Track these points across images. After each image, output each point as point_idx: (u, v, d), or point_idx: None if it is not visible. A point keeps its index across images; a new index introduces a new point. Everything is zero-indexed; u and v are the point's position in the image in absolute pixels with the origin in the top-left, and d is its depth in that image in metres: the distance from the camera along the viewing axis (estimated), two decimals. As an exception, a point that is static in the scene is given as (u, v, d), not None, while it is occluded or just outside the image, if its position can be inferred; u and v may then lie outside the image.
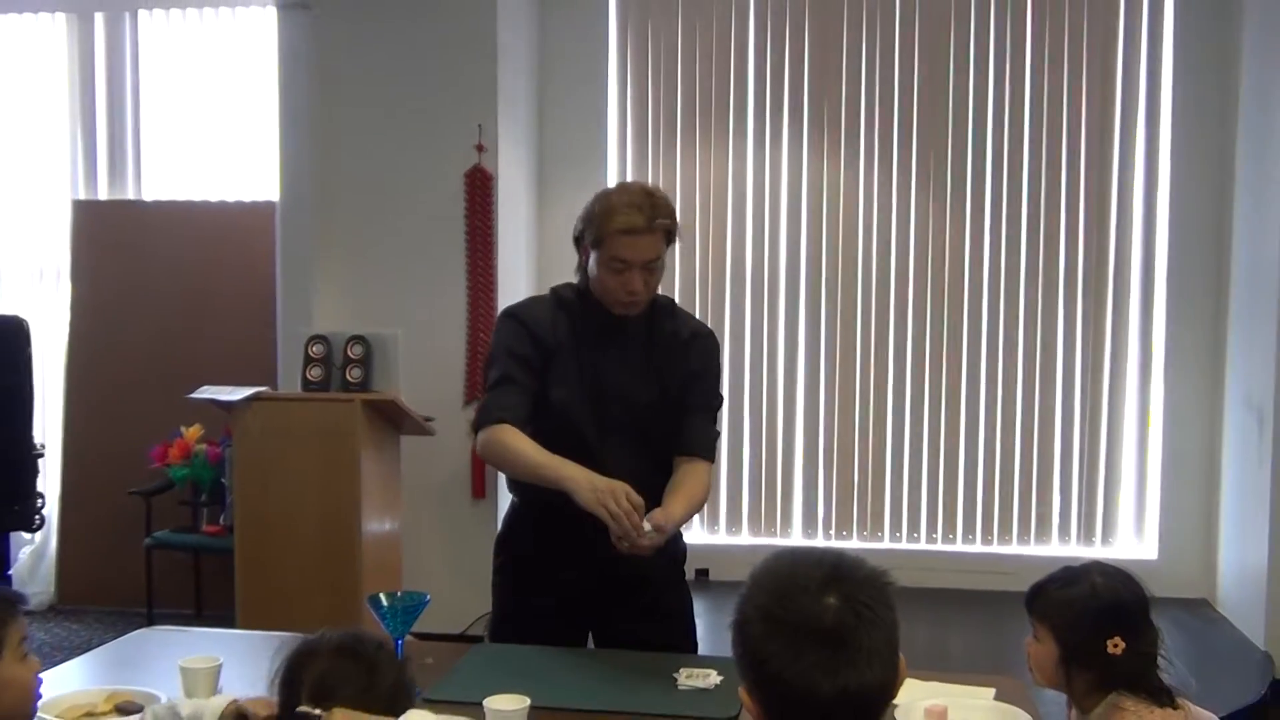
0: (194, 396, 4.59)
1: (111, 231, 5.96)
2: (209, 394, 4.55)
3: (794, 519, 5.88)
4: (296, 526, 4.41)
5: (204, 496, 5.42)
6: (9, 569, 5.20)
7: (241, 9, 5.91)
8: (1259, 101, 5.05)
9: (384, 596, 2.29)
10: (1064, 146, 5.61)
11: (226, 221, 5.87)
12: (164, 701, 2.13)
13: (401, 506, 4.79)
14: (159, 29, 6.09)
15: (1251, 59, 5.15)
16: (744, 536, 5.87)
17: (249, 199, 5.87)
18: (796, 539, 5.84)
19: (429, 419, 4.76)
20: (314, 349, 4.62)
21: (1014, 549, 5.67)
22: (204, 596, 5.60)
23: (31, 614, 5.40)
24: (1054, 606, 2.03)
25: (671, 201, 2.56)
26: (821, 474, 5.83)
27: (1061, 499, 5.69)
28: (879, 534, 5.81)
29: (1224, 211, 5.41)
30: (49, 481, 5.58)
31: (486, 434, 2.53)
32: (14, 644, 1.81)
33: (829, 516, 5.84)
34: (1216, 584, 5.46)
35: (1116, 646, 1.95)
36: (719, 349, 2.74)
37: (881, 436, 5.78)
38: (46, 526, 5.57)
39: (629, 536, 2.31)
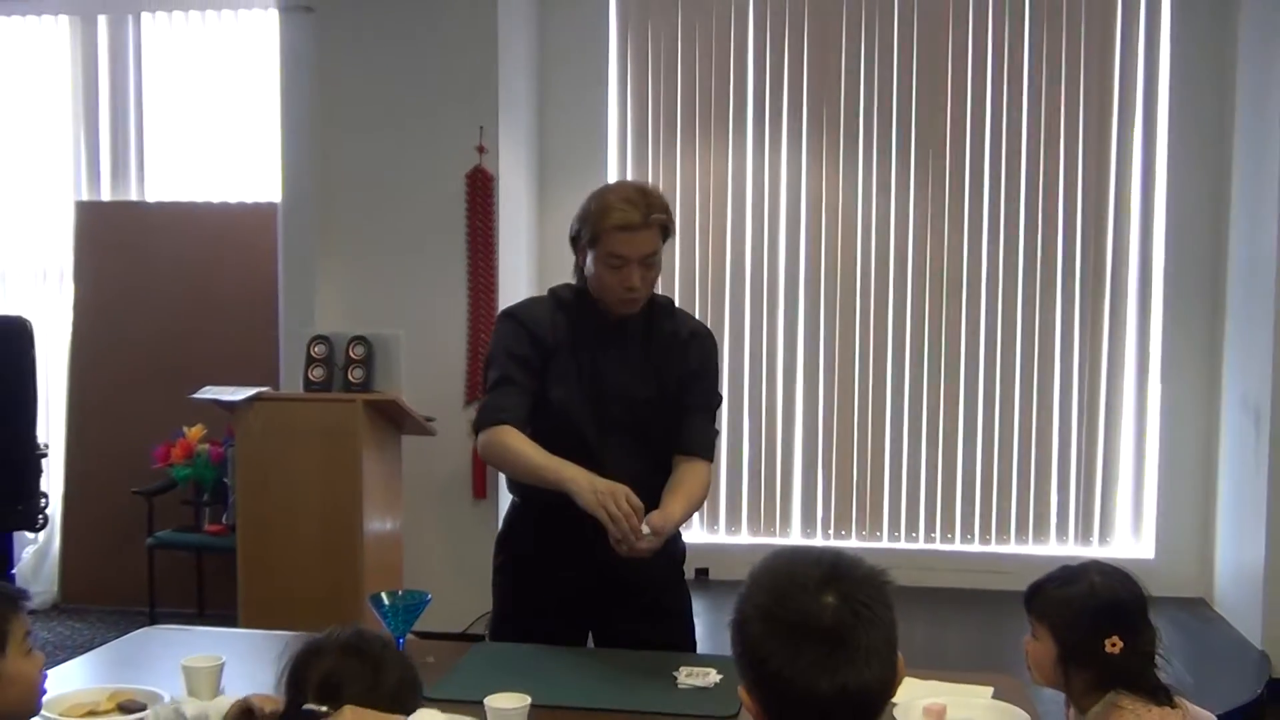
0: (196, 396, 4.60)
1: (114, 232, 5.97)
2: (211, 394, 4.56)
3: (793, 518, 5.90)
4: (298, 526, 4.41)
5: (206, 496, 5.44)
6: (12, 568, 5.20)
7: (244, 11, 5.93)
8: (1255, 103, 5.07)
9: (385, 595, 2.30)
10: (1062, 149, 5.63)
11: (229, 222, 5.88)
12: (167, 701, 2.15)
13: (403, 506, 4.80)
14: (161, 31, 6.10)
15: (1248, 63, 5.17)
16: (743, 536, 5.89)
17: (251, 200, 5.88)
18: (795, 538, 5.85)
19: (430, 419, 4.77)
20: (316, 349, 4.62)
21: (1012, 548, 5.69)
22: (206, 596, 5.61)
23: (35, 613, 5.41)
24: (1053, 605, 2.03)
25: (665, 198, 2.56)
26: (820, 474, 5.85)
27: (1059, 499, 5.71)
28: (877, 533, 5.82)
29: (1220, 213, 5.42)
30: (52, 481, 5.57)
31: (487, 435, 2.53)
32: (18, 639, 1.81)
33: (828, 516, 5.86)
34: (1213, 583, 5.47)
35: (1115, 645, 1.95)
36: (717, 348, 2.74)
37: (880, 436, 5.80)
38: (49, 526, 5.57)
39: (628, 540, 2.32)
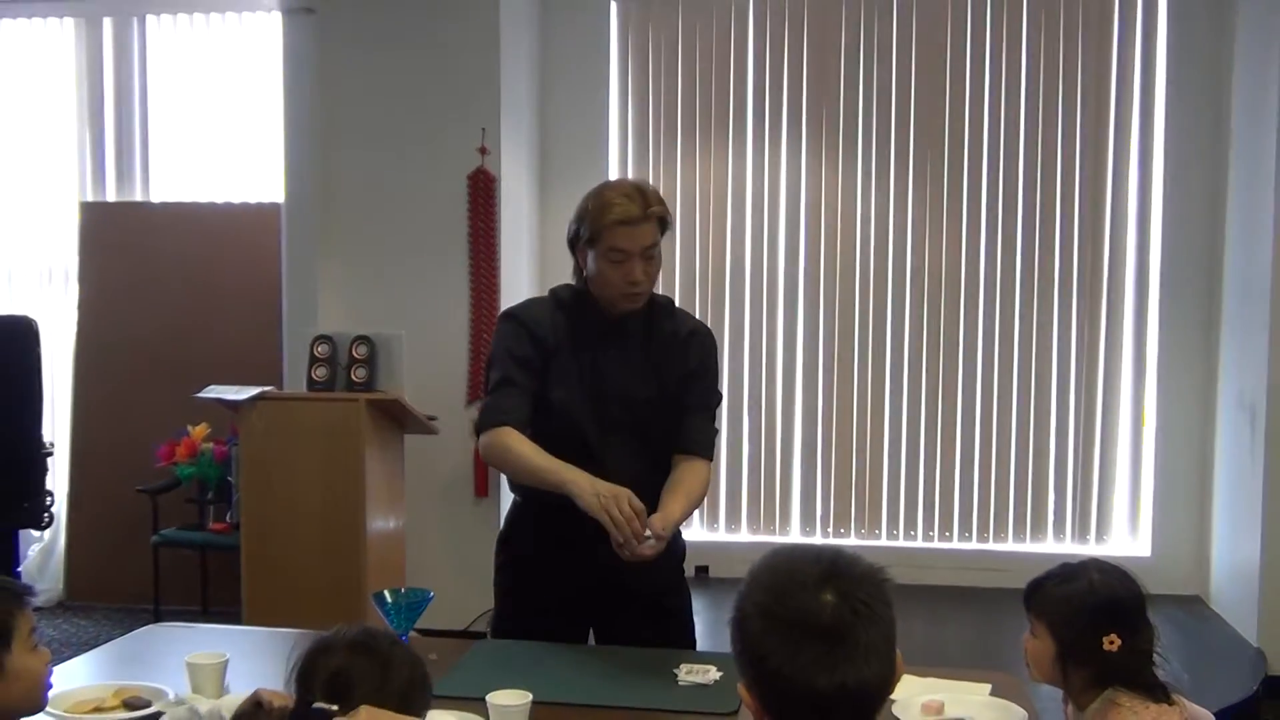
0: (200, 396, 4.61)
1: (119, 233, 5.99)
2: (215, 393, 4.57)
3: (792, 517, 5.92)
4: (301, 524, 4.42)
5: (210, 494, 5.44)
6: (18, 566, 5.24)
7: (247, 14, 5.95)
8: (1251, 106, 5.08)
9: (388, 593, 2.31)
10: (1059, 151, 5.65)
11: (232, 223, 5.90)
12: (171, 697, 2.16)
13: (405, 504, 4.81)
14: (166, 34, 6.12)
15: (1244, 67, 5.18)
16: (743, 534, 5.91)
17: (254, 200, 5.90)
18: (795, 536, 5.87)
19: (432, 418, 4.78)
20: (319, 349, 4.63)
21: (1010, 546, 5.71)
22: (210, 593, 5.63)
23: (40, 610, 5.44)
24: (1051, 603, 2.03)
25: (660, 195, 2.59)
26: (820, 472, 5.87)
27: (1056, 497, 5.73)
28: (876, 531, 5.85)
29: (1217, 213, 5.44)
30: (57, 480, 5.59)
31: (488, 437, 2.55)
32: (23, 635, 1.81)
33: (827, 514, 5.88)
34: (1209, 581, 5.49)
35: (1113, 643, 1.95)
36: (717, 347, 2.75)
37: (879, 435, 5.82)
38: (55, 524, 5.58)
39: (630, 544, 2.33)
